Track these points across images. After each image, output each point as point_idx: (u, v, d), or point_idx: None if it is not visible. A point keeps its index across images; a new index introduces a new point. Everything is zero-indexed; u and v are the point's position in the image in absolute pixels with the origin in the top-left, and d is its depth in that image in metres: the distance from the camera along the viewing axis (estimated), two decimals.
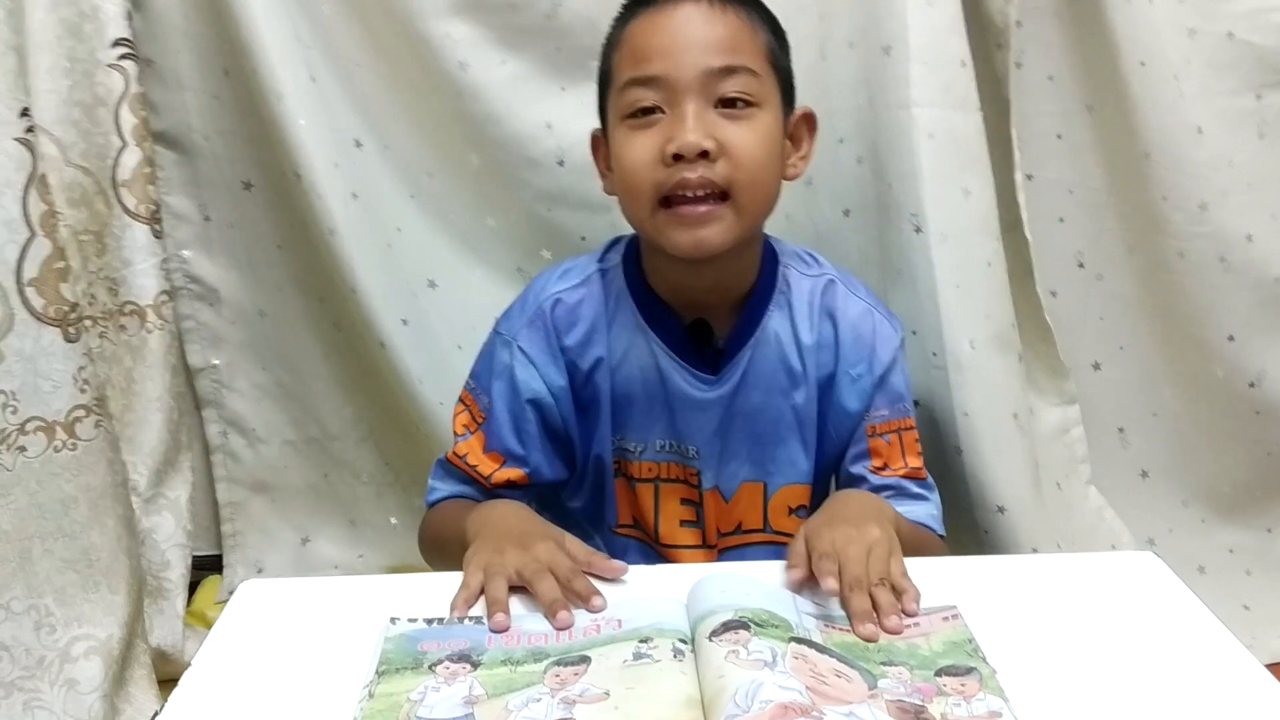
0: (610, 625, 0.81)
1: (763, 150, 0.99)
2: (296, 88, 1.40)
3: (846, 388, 1.11)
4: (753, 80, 0.98)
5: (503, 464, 1.09)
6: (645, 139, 0.98)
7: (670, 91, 0.96)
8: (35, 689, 1.23)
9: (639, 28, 0.99)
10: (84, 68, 1.40)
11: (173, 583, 1.55)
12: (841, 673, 0.73)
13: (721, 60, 0.96)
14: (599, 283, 1.11)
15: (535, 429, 1.10)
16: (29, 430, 1.19)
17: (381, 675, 0.75)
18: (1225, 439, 1.65)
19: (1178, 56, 1.47)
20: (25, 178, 1.16)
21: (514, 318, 1.12)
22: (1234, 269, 1.53)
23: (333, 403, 1.68)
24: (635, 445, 1.13)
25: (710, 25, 0.97)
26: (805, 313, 1.10)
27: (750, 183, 0.98)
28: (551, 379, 1.09)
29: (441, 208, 1.53)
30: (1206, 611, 0.83)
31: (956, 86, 1.33)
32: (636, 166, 0.99)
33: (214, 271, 1.60)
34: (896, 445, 1.12)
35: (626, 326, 1.10)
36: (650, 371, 1.10)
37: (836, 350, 1.10)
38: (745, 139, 0.97)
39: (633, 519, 1.17)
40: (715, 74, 0.96)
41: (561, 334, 1.09)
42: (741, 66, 0.97)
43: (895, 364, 1.12)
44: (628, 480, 1.15)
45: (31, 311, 1.17)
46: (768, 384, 1.10)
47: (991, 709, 0.71)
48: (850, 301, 1.11)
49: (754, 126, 0.98)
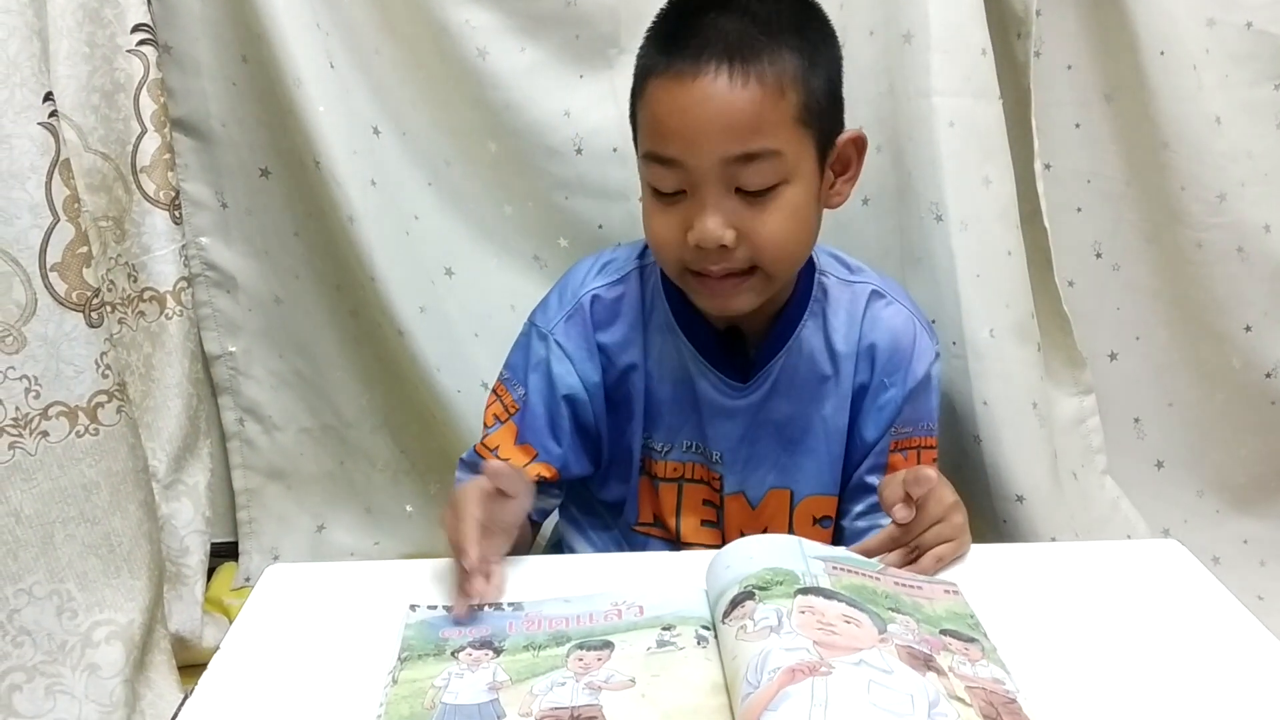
0: (631, 611, 0.81)
1: (788, 228, 0.95)
2: (315, 74, 1.40)
3: (879, 395, 1.09)
4: (776, 160, 0.92)
5: (535, 457, 1.08)
6: (669, 216, 0.96)
7: (688, 175, 0.92)
8: (57, 674, 1.24)
9: (657, 94, 0.93)
10: (104, 53, 1.40)
11: (191, 569, 1.56)
12: (851, 618, 0.72)
13: (740, 147, 0.90)
14: (637, 281, 1.10)
15: (568, 424, 1.09)
16: (51, 415, 1.20)
17: (404, 661, 0.76)
18: (1241, 430, 1.64)
19: (1197, 46, 1.46)
20: (49, 163, 1.16)
21: (551, 311, 1.11)
22: (1251, 259, 1.52)
23: (349, 390, 1.69)
24: (661, 445, 1.13)
25: (729, 105, 0.89)
26: (843, 321, 1.09)
27: (775, 259, 0.96)
28: (587, 375, 1.08)
29: (459, 195, 1.53)
30: (1231, 597, 0.83)
31: (977, 75, 1.33)
32: (660, 243, 0.98)
33: (231, 259, 1.60)
34: (914, 461, 1.11)
35: (661, 329, 1.09)
36: (680, 374, 1.09)
37: (873, 359, 1.08)
38: (768, 224, 0.93)
39: (653, 517, 1.17)
40: (734, 162, 0.90)
41: (599, 330, 1.09)
42: (763, 151, 0.91)
43: (929, 380, 1.10)
44: (651, 479, 1.15)
45: (54, 296, 1.18)
46: (798, 393, 1.09)
47: (995, 675, 0.71)
48: (893, 310, 1.10)
49: (779, 206, 0.93)
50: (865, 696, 0.63)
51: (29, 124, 1.14)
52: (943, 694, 0.65)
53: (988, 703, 0.67)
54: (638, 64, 0.98)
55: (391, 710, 0.70)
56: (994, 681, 0.70)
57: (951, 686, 0.67)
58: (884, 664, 0.67)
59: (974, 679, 0.70)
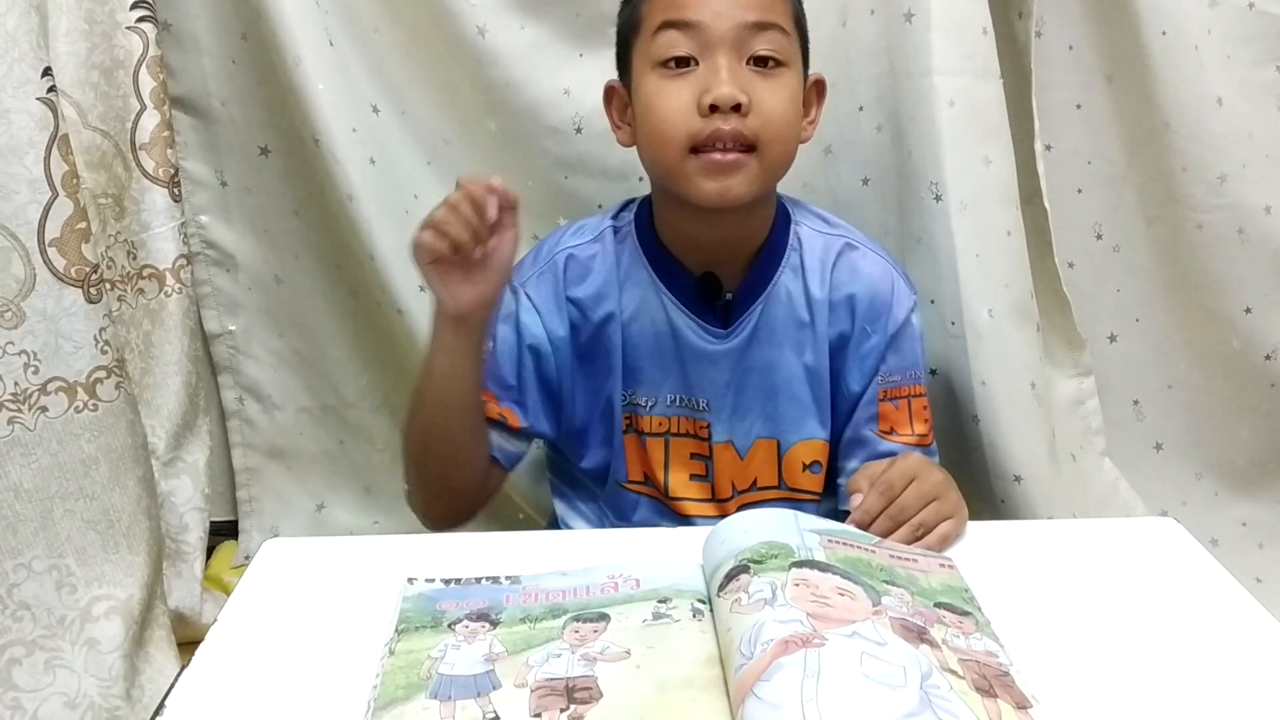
0: (628, 584, 0.81)
1: (789, 108, 1.01)
2: (314, 52, 1.39)
3: (861, 344, 1.11)
4: (783, 39, 1.00)
5: (497, 401, 1.11)
6: (679, 88, 0.99)
7: (705, 40, 0.98)
8: (56, 648, 1.24)
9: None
10: (103, 30, 1.40)
11: (191, 546, 1.57)
12: (845, 590, 0.72)
13: (756, 15, 0.98)
14: (611, 239, 1.13)
15: (533, 375, 1.12)
16: (50, 390, 1.20)
17: (401, 634, 0.76)
18: (1240, 412, 1.65)
19: (1198, 27, 1.45)
20: (48, 138, 1.16)
21: (525, 268, 1.14)
22: (1252, 241, 1.52)
23: (349, 369, 1.69)
24: (646, 400, 1.14)
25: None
26: (817, 269, 1.11)
27: (776, 138, 1.00)
28: (553, 328, 1.11)
29: (459, 174, 1.51)
30: (1228, 576, 0.83)
31: (978, 54, 1.32)
32: (670, 114, 1.00)
33: (231, 237, 1.60)
34: (905, 411, 1.12)
35: (639, 282, 1.12)
36: (662, 325, 1.11)
37: (853, 309, 1.11)
38: (774, 96, 0.99)
39: (642, 475, 1.18)
40: (750, 28, 0.98)
41: (570, 286, 1.12)
42: (774, 24, 0.99)
43: (909, 325, 1.12)
44: (638, 435, 1.16)
45: (53, 272, 1.18)
46: (779, 339, 1.11)
47: (989, 649, 0.71)
48: (870, 259, 1.12)
49: (782, 84, 1.00)
50: (858, 668, 0.63)
51: (27, 99, 1.14)
52: (935, 666, 0.65)
53: (980, 675, 0.67)
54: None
55: (388, 681, 0.70)
56: (987, 654, 0.70)
57: (944, 659, 0.67)
58: (877, 636, 0.67)
59: (967, 652, 0.70)
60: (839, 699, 0.60)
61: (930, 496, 0.91)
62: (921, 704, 0.61)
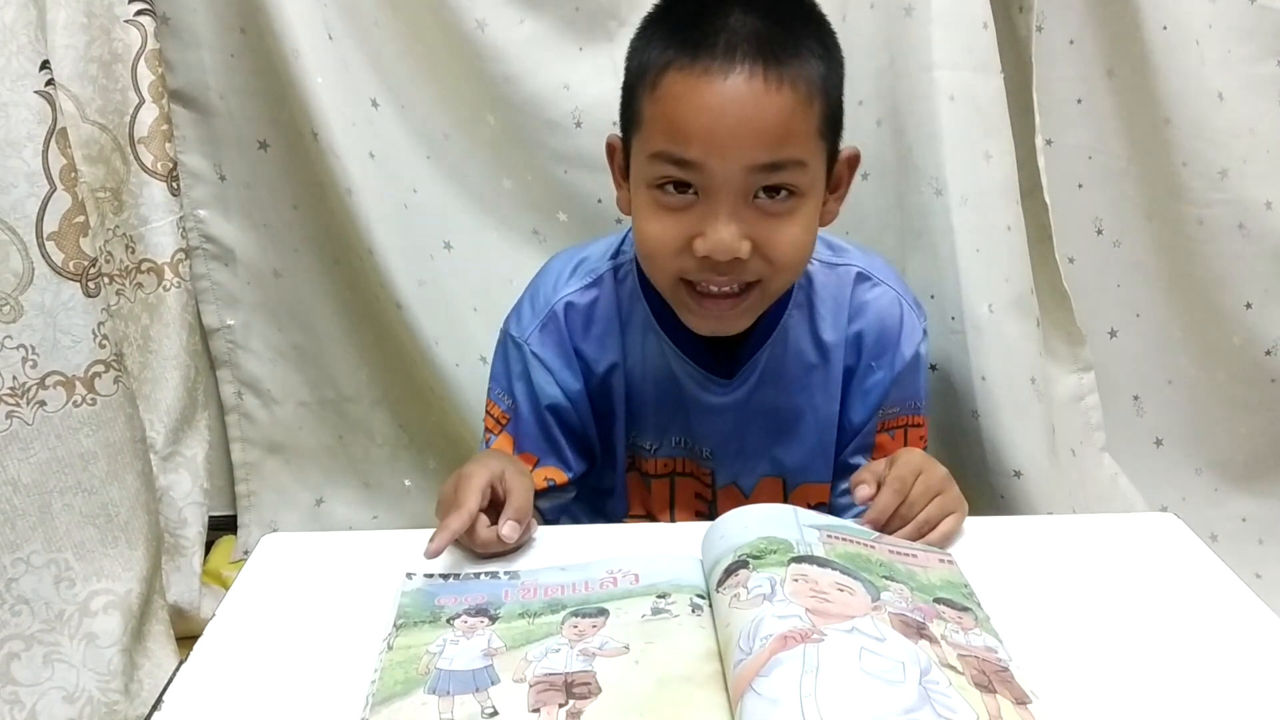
0: (627, 579, 0.81)
1: (801, 243, 0.91)
2: (313, 46, 1.39)
3: (866, 379, 1.07)
4: (800, 171, 0.88)
5: (538, 463, 1.07)
6: (672, 222, 0.90)
7: (707, 180, 0.87)
8: (55, 642, 1.24)
9: (678, 89, 0.86)
10: (101, 23, 1.39)
11: (189, 540, 1.56)
12: (844, 585, 0.72)
13: (769, 156, 0.86)
14: (611, 282, 1.06)
15: (559, 431, 1.07)
16: (49, 385, 1.20)
17: (400, 628, 0.76)
18: (1240, 407, 1.65)
19: (1199, 22, 1.45)
20: (46, 131, 1.15)
21: (525, 320, 1.07)
22: (1253, 236, 1.52)
23: (348, 364, 1.69)
24: (650, 443, 1.11)
25: (761, 110, 0.84)
26: (829, 309, 1.05)
27: (782, 275, 0.93)
28: (567, 384, 1.06)
29: (458, 169, 1.53)
30: (1227, 571, 0.83)
31: (978, 49, 1.32)
32: (659, 250, 0.91)
33: (229, 231, 1.60)
34: (901, 440, 1.10)
35: (639, 328, 1.06)
36: (664, 373, 1.07)
37: (860, 345, 1.06)
38: (784, 238, 0.89)
39: (644, 511, 1.16)
40: (760, 169, 0.86)
41: (575, 337, 1.06)
42: (790, 160, 0.87)
43: (918, 360, 1.08)
44: (641, 476, 1.14)
45: (52, 265, 1.18)
46: (786, 384, 1.06)
47: (988, 644, 0.71)
48: (878, 292, 1.06)
49: (795, 220, 0.90)
50: (856, 663, 0.63)
51: (25, 92, 1.14)
52: (934, 661, 0.65)
53: (979, 671, 0.67)
54: (641, 55, 0.92)
55: (386, 676, 0.70)
56: (986, 650, 0.70)
57: (944, 654, 0.67)
58: (876, 631, 0.67)
59: (966, 647, 0.70)
60: (838, 694, 0.60)
61: (935, 491, 0.89)
62: (920, 699, 0.61)
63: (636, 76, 0.92)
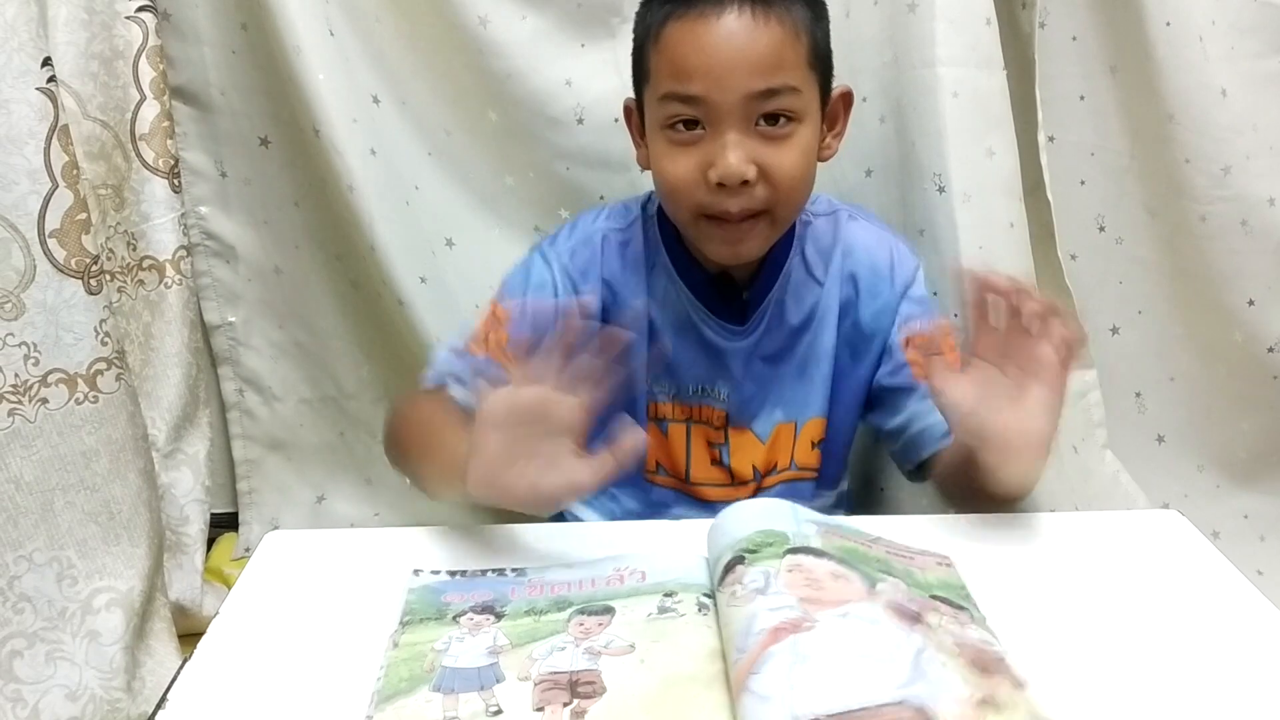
0: (634, 577, 0.81)
1: (801, 166, 0.99)
2: (315, 42, 1.38)
3: (869, 309, 1.14)
4: (795, 97, 0.96)
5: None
6: (686, 157, 0.98)
7: (711, 111, 0.95)
8: (57, 640, 1.24)
9: (678, 35, 0.96)
10: (102, 20, 1.39)
11: (191, 538, 1.56)
12: (839, 574, 0.72)
13: (764, 83, 0.94)
14: (640, 228, 1.14)
15: None
16: (50, 382, 1.20)
17: (405, 625, 0.75)
18: (1242, 404, 1.64)
19: (1202, 18, 1.45)
20: (48, 128, 1.15)
21: (561, 243, 1.14)
22: (1255, 233, 1.52)
23: (349, 361, 1.68)
24: (669, 389, 1.16)
25: (753, 41, 0.94)
26: (820, 250, 1.14)
27: (788, 200, 1.00)
28: None
29: (460, 165, 1.53)
30: (1230, 567, 0.83)
31: (981, 45, 1.32)
32: (677, 185, 1.00)
33: (231, 228, 1.59)
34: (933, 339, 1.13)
35: (663, 274, 1.12)
36: (683, 320, 1.13)
37: (856, 281, 1.13)
38: (785, 160, 0.97)
39: (656, 464, 1.18)
40: (757, 96, 0.94)
41: (607, 268, 1.12)
42: (784, 87, 0.95)
43: (916, 282, 1.15)
44: (658, 423, 1.17)
45: (53, 263, 1.17)
46: (792, 327, 1.14)
47: (984, 638, 0.71)
48: (862, 229, 1.16)
49: (794, 144, 0.98)
50: (849, 645, 0.63)
51: (27, 89, 1.13)
52: (930, 645, 0.65)
53: (976, 658, 0.67)
54: (646, 17, 1.02)
55: (391, 673, 0.70)
56: (982, 641, 0.70)
57: (940, 641, 0.67)
58: (871, 615, 0.67)
59: (963, 637, 0.70)
60: (827, 680, 0.60)
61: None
62: (915, 674, 0.61)
63: (642, 36, 1.02)
